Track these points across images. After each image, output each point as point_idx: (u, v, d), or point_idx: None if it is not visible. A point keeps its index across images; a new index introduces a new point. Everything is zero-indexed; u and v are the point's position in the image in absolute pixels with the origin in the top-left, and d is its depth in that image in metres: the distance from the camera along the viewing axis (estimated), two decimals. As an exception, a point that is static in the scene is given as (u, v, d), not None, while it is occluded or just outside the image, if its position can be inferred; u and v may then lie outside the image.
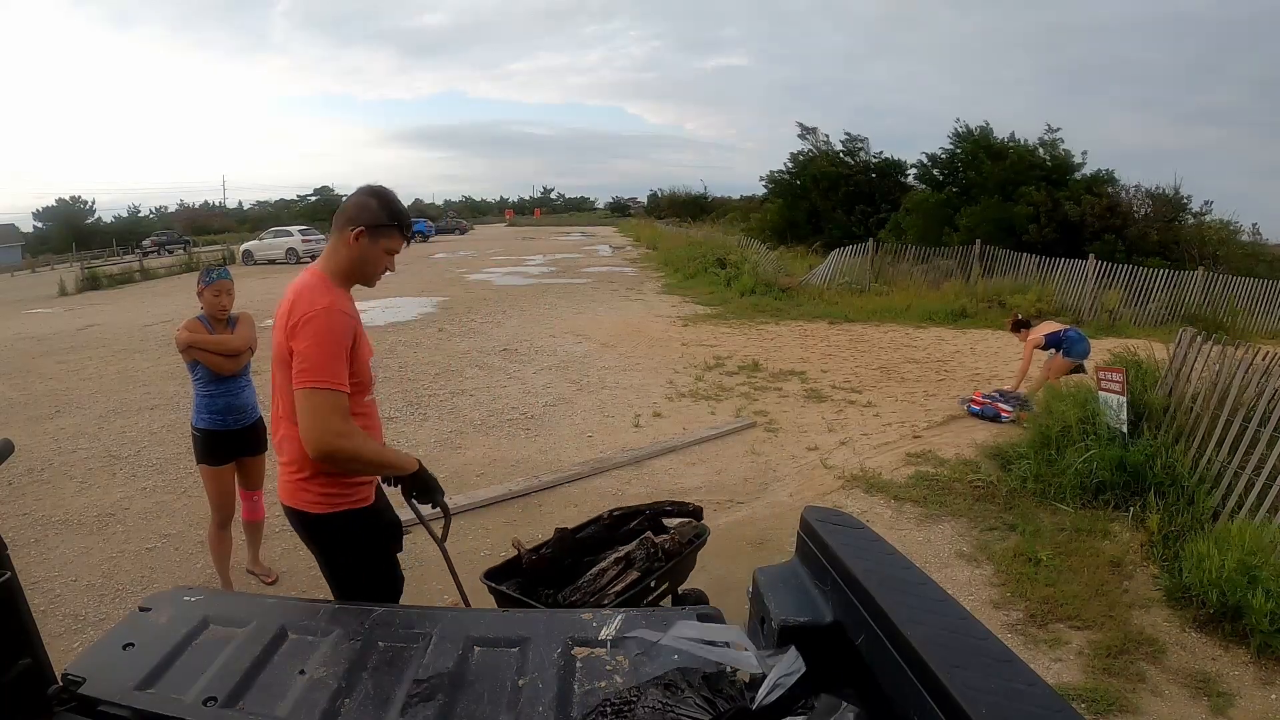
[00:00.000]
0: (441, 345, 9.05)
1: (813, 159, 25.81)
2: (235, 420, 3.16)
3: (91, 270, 20.84)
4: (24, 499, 4.42)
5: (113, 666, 1.09)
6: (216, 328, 3.14)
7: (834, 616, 0.94)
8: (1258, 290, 12.30)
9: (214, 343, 3.08)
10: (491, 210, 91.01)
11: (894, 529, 3.87)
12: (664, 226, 33.88)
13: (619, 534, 2.66)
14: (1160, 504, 3.71)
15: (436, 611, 1.35)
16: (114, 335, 10.71)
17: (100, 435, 5.68)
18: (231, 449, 3.19)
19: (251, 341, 3.20)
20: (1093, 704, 2.49)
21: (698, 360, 7.92)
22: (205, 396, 3.12)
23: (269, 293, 15.70)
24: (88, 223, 52.59)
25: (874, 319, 10.95)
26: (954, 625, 0.79)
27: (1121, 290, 12.00)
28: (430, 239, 38.69)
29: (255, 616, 1.24)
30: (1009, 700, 0.65)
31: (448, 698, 1.04)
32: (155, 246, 36.78)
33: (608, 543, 2.61)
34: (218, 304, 3.12)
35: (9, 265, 35.95)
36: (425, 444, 5.29)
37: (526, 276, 18.10)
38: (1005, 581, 3.32)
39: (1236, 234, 17.54)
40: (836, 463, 4.87)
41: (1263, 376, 3.89)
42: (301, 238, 25.65)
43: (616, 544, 2.59)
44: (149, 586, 3.35)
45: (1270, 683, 2.62)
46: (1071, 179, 18.68)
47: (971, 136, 20.83)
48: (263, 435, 3.27)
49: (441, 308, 12.47)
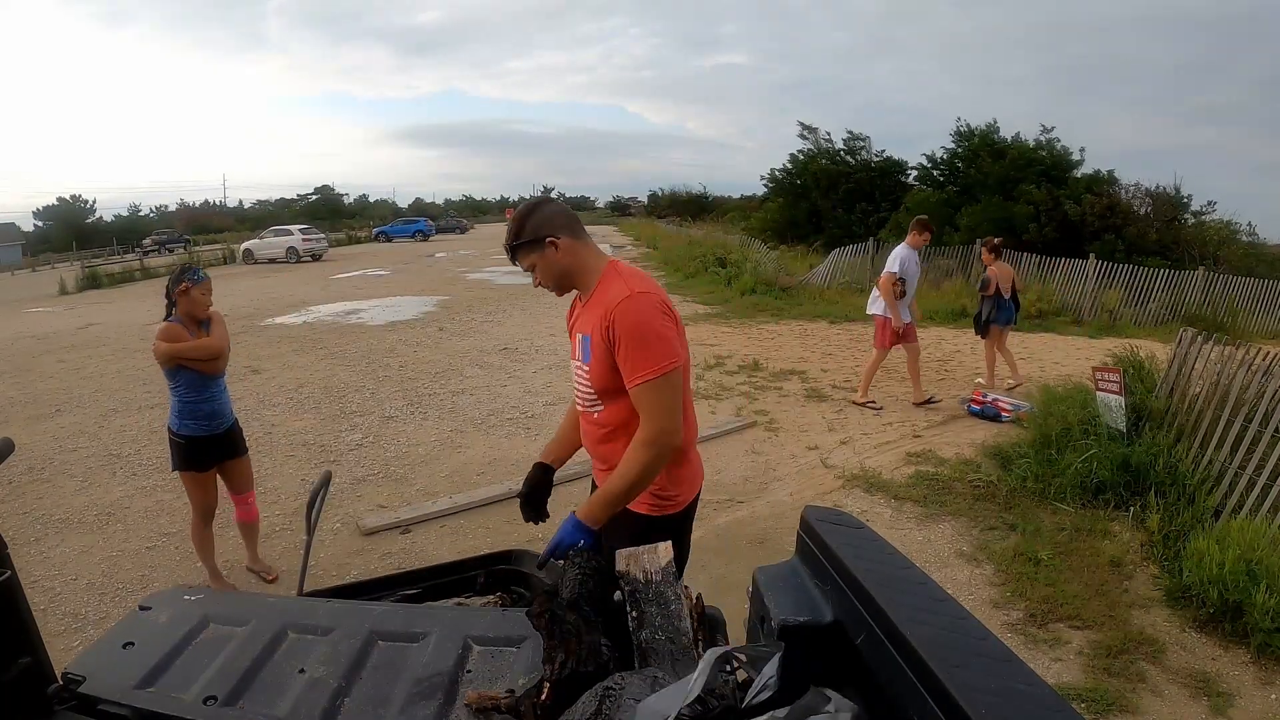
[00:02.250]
0: (441, 344, 9.05)
1: (813, 158, 25.81)
2: (219, 425, 3.14)
3: (92, 269, 20.87)
4: (24, 498, 4.43)
5: (113, 665, 1.09)
6: (193, 330, 3.08)
7: (834, 616, 0.94)
8: (1258, 290, 12.30)
9: (199, 348, 3.04)
10: (492, 209, 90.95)
11: (894, 529, 3.87)
12: (664, 226, 33.87)
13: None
14: (1160, 504, 3.70)
15: (436, 611, 1.35)
16: (114, 334, 10.71)
17: (100, 434, 5.69)
18: (215, 454, 3.17)
19: (228, 339, 3.18)
20: (1093, 704, 2.49)
21: (698, 359, 7.92)
22: (190, 403, 3.06)
23: (269, 292, 15.71)
24: (88, 222, 52.70)
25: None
26: (954, 625, 0.79)
27: (1121, 290, 12.00)
28: (430, 238, 38.71)
29: (255, 616, 1.24)
30: (1009, 700, 0.65)
31: (448, 697, 1.04)
32: (155, 245, 36.87)
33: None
34: (204, 303, 3.08)
35: (9, 264, 35.97)
36: (425, 443, 5.29)
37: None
38: (1005, 581, 3.32)
39: (1236, 234, 17.55)
40: (836, 462, 4.87)
41: (1263, 376, 3.89)
42: (302, 236, 25.67)
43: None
44: (149, 585, 3.35)
45: (1270, 683, 2.62)
46: (1072, 178, 18.69)
47: (973, 135, 20.84)
48: (241, 438, 3.29)
49: (442, 307, 12.47)
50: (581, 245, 1.70)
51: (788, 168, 26.91)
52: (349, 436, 5.48)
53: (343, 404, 6.36)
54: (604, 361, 1.63)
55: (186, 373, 3.03)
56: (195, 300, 3.06)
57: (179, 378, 3.04)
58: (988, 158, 19.69)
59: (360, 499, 4.33)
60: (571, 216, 1.72)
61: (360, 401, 6.43)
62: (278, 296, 14.64)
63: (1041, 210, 17.44)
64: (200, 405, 3.07)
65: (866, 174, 24.62)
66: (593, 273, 1.71)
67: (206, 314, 3.12)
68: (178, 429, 3.09)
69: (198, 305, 3.07)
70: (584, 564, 1.22)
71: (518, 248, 1.70)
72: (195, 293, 3.05)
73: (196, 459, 3.11)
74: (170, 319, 3.07)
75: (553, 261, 1.68)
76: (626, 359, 1.58)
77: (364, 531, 3.88)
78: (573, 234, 1.69)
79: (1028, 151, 19.47)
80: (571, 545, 1.49)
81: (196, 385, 3.05)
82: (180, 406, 3.08)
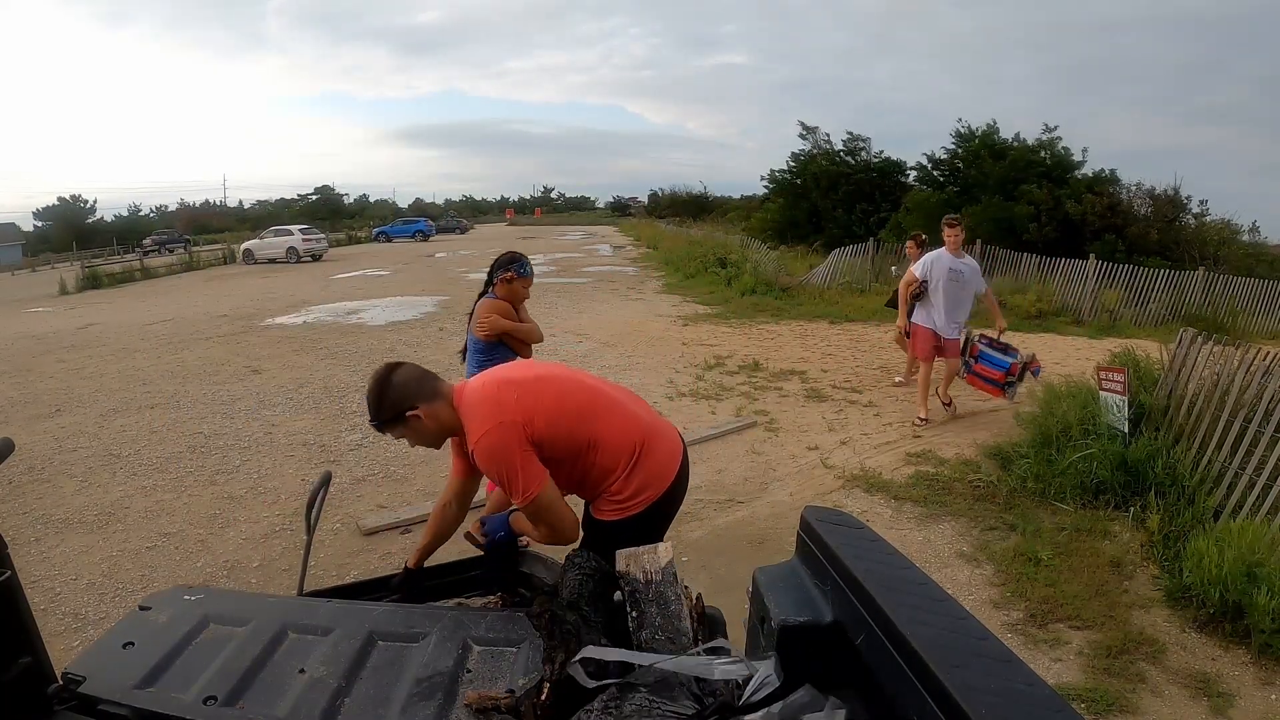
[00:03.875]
0: (442, 345, 9.05)
1: (813, 158, 25.81)
2: None
3: (92, 269, 20.84)
4: (24, 498, 4.43)
5: (113, 665, 1.09)
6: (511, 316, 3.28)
7: (834, 616, 0.94)
8: (1258, 290, 12.30)
9: (527, 331, 3.29)
10: (492, 209, 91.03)
11: (894, 529, 3.87)
12: (665, 226, 33.84)
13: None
14: (1160, 504, 3.70)
15: (436, 611, 1.35)
16: (114, 334, 10.71)
17: (100, 434, 5.69)
18: None
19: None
20: (1093, 704, 2.49)
21: (698, 359, 7.92)
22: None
23: (270, 292, 15.71)
24: (88, 222, 52.68)
25: (874, 319, 10.93)
26: (954, 625, 0.79)
27: (1122, 290, 12.00)
28: (430, 238, 38.72)
29: (255, 616, 1.24)
30: (1009, 700, 0.65)
31: (447, 697, 1.04)
32: (156, 245, 36.82)
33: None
34: (523, 295, 3.30)
35: (9, 264, 35.97)
36: (425, 443, 5.29)
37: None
38: (1005, 581, 3.32)
39: (1237, 234, 17.57)
40: (837, 462, 4.87)
41: (1263, 376, 3.89)
42: (302, 237, 25.65)
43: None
44: (149, 585, 3.35)
45: (1270, 683, 2.62)
46: (1072, 178, 18.68)
47: (974, 136, 20.83)
48: None
49: (442, 307, 12.46)
50: (438, 403, 1.71)
51: (788, 168, 26.90)
52: (349, 436, 5.48)
53: (343, 404, 6.36)
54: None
55: (504, 349, 3.20)
56: (516, 290, 3.26)
57: (496, 352, 3.17)
58: (988, 158, 19.68)
59: (360, 499, 4.33)
60: (420, 376, 1.74)
61: (360, 401, 6.41)
62: (278, 297, 14.64)
63: (1042, 210, 17.43)
64: None
65: (866, 174, 24.61)
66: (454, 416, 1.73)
67: (521, 305, 3.33)
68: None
69: (517, 295, 3.28)
70: (584, 564, 1.22)
71: (382, 426, 1.73)
72: (518, 284, 3.25)
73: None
74: (490, 296, 3.27)
75: (420, 430, 1.72)
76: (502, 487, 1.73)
77: (364, 531, 3.88)
78: (428, 397, 1.70)
79: (1028, 153, 19.46)
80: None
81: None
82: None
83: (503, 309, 3.23)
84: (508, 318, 3.23)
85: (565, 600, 1.08)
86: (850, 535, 1.03)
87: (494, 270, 3.29)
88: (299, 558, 1.69)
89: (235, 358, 8.49)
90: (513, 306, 3.29)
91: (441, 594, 1.68)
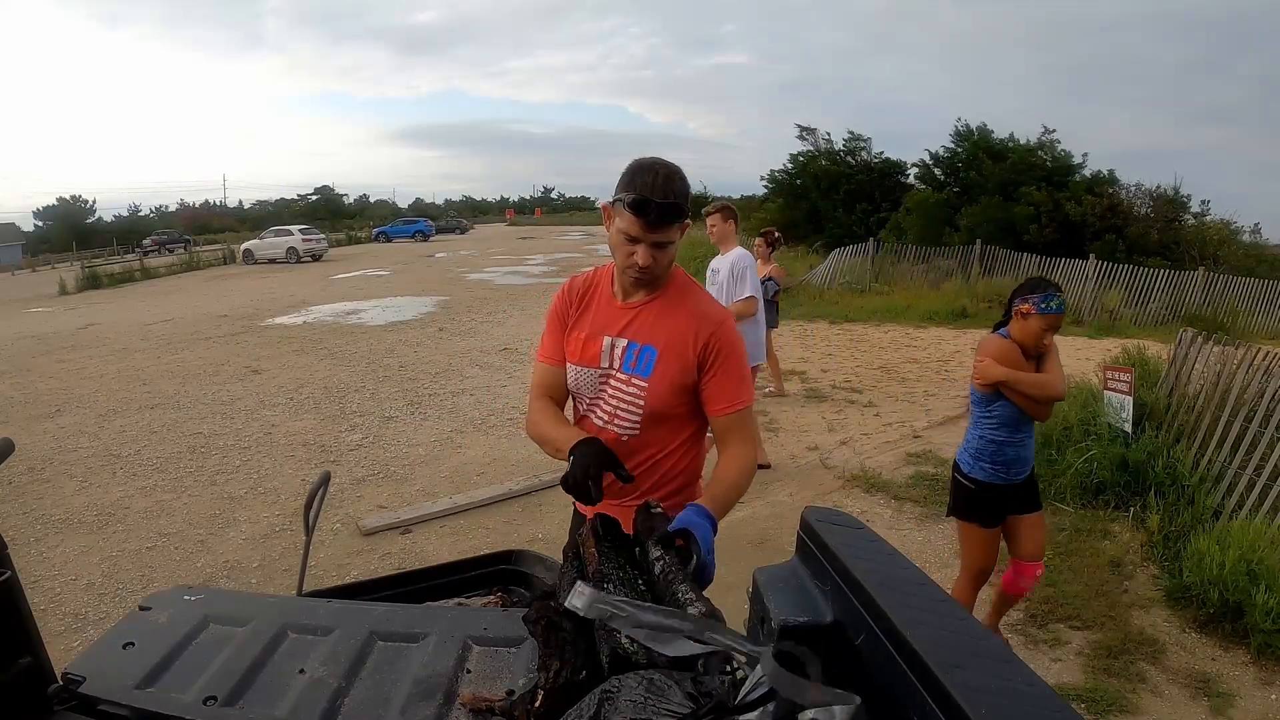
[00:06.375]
0: (441, 345, 9.05)
1: (813, 158, 25.82)
2: (1018, 473, 2.53)
3: (92, 269, 20.87)
4: (24, 498, 4.43)
5: (113, 665, 1.09)
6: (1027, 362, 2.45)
7: (834, 616, 0.94)
8: (1258, 290, 12.31)
9: (1040, 385, 2.40)
10: (492, 209, 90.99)
11: (894, 529, 3.87)
12: (664, 226, 33.80)
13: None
14: (1160, 504, 3.71)
15: (436, 611, 1.35)
16: (114, 334, 10.72)
17: (100, 434, 5.69)
18: (1008, 506, 2.57)
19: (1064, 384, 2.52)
20: (1093, 704, 2.49)
21: (698, 360, 7.92)
22: (994, 442, 2.47)
23: (269, 292, 15.71)
24: (88, 222, 52.73)
25: (874, 319, 10.95)
26: (954, 625, 0.79)
27: (1122, 291, 12.01)
28: (430, 238, 38.75)
29: (255, 616, 1.24)
30: (1009, 700, 0.65)
31: (447, 697, 1.04)
32: (156, 245, 36.90)
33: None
34: (1046, 339, 2.42)
35: (9, 264, 35.98)
36: (425, 444, 5.29)
37: (527, 276, 18.10)
38: (1005, 581, 3.32)
39: (1237, 234, 17.59)
40: (836, 462, 4.87)
41: (1263, 376, 3.89)
42: (302, 237, 25.65)
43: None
44: (149, 585, 3.35)
45: (1270, 683, 2.62)
46: (1072, 179, 18.69)
47: (972, 136, 20.85)
48: (1037, 491, 2.68)
49: (441, 307, 12.47)
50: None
51: (788, 168, 26.92)
52: (349, 437, 5.49)
53: (343, 404, 6.36)
54: (675, 380, 1.43)
55: (1005, 405, 2.44)
56: (1033, 330, 2.40)
57: (994, 408, 2.46)
58: (987, 160, 19.69)
59: (360, 499, 4.33)
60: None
61: (360, 402, 6.43)
62: (278, 297, 14.65)
63: (1042, 211, 17.44)
64: (1007, 448, 2.47)
65: (866, 174, 24.63)
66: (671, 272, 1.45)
67: (1045, 348, 2.46)
68: (968, 469, 2.54)
69: (1037, 338, 2.41)
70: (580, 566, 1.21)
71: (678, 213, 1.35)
72: (1036, 322, 2.39)
73: (987, 510, 2.55)
74: (1000, 331, 2.50)
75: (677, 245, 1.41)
76: (724, 384, 1.42)
77: (364, 532, 3.88)
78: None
79: (1027, 155, 19.47)
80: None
81: (1011, 423, 2.46)
82: (978, 441, 2.51)
83: (1008, 353, 2.41)
84: (1015, 364, 2.41)
85: (562, 604, 1.08)
86: (850, 535, 1.03)
87: (1013, 299, 2.49)
88: (299, 558, 1.69)
89: (235, 358, 8.49)
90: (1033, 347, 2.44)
91: (441, 594, 1.68)
